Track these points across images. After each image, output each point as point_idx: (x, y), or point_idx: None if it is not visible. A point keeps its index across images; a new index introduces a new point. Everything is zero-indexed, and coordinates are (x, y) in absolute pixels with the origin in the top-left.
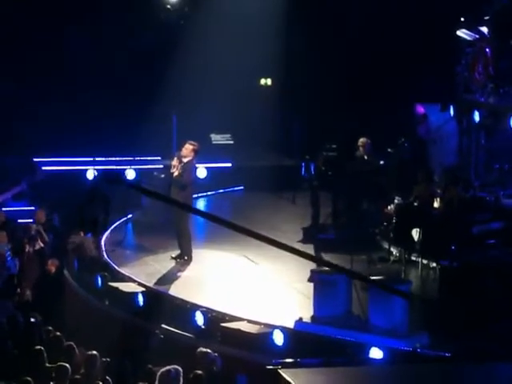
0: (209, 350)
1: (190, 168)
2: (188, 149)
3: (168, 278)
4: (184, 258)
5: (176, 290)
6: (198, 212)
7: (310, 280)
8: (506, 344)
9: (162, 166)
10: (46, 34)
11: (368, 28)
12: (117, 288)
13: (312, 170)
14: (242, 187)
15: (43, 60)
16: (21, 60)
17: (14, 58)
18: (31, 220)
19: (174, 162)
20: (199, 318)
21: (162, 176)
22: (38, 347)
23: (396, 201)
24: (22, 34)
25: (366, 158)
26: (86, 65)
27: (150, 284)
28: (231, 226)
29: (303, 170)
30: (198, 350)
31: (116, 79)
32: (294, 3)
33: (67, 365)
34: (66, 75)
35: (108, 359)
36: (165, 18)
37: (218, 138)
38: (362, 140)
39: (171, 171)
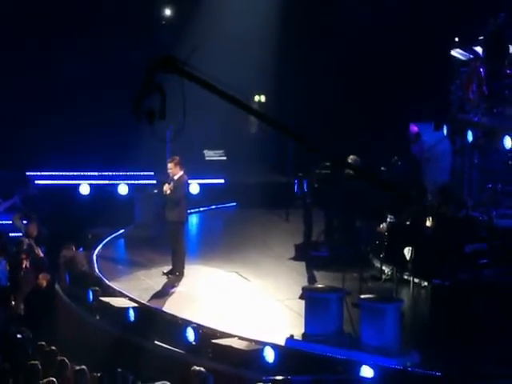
0: (202, 369)
1: (181, 183)
2: (172, 167)
3: (160, 294)
4: (176, 274)
5: (167, 305)
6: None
7: (301, 297)
8: (497, 363)
9: (155, 182)
10: (38, 50)
11: (362, 47)
12: (108, 303)
13: (305, 187)
14: (234, 204)
15: (37, 75)
16: (14, 75)
17: (7, 73)
18: (21, 234)
19: (166, 187)
20: (190, 334)
21: (155, 191)
22: (34, 362)
23: (389, 219)
24: (14, 49)
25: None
26: (80, 80)
27: (142, 299)
28: None
29: (296, 187)
30: (192, 368)
31: (110, 94)
32: (289, 21)
33: (54, 379)
34: (60, 90)
35: (99, 374)
36: (158, 34)
37: (210, 154)
38: (351, 158)
39: (166, 194)
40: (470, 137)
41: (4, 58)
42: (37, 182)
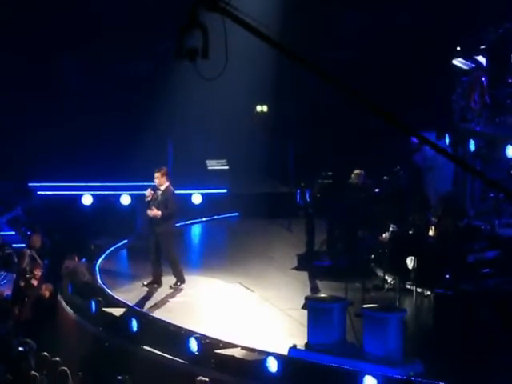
0: (207, 379)
1: (170, 194)
2: (159, 177)
3: (163, 304)
4: (178, 284)
5: (170, 315)
6: None
7: (304, 307)
8: (500, 373)
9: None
10: (42, 63)
11: (364, 57)
12: (111, 313)
13: (307, 197)
14: (237, 214)
15: (39, 87)
16: (15, 86)
17: (10, 84)
18: (24, 245)
19: (148, 192)
20: (193, 345)
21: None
22: (33, 373)
23: (391, 229)
24: (19, 60)
25: (356, 184)
26: (83, 91)
27: (145, 310)
28: None
29: (299, 197)
30: (198, 378)
31: (113, 105)
32: (289, 32)
33: None
34: (63, 102)
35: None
36: (160, 45)
37: (213, 164)
38: (356, 172)
39: (147, 200)
40: (472, 146)
41: (4, 69)
42: (39, 192)
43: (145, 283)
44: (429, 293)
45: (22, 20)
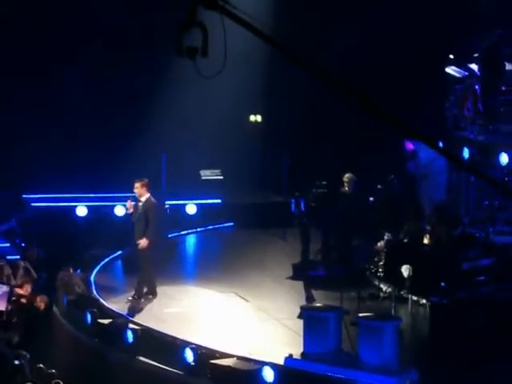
0: None
1: (151, 205)
2: (138, 187)
3: (158, 315)
4: (135, 297)
5: (166, 326)
6: None
7: (299, 317)
8: (495, 381)
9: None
10: (41, 74)
11: (357, 65)
12: (106, 324)
13: (302, 206)
14: (232, 223)
15: (36, 99)
16: (13, 98)
17: (6, 95)
18: (18, 257)
19: (128, 204)
20: (189, 355)
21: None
22: None
23: (386, 237)
24: (16, 70)
25: (349, 193)
26: (78, 103)
27: (140, 320)
28: None
29: (293, 206)
30: None
31: (106, 117)
32: (284, 34)
33: None
34: (58, 113)
35: None
36: (154, 57)
37: (207, 174)
38: (347, 176)
39: (129, 212)
40: (465, 154)
41: (6, 82)
42: (33, 204)
43: (129, 298)
44: (424, 301)
45: (22, 21)
